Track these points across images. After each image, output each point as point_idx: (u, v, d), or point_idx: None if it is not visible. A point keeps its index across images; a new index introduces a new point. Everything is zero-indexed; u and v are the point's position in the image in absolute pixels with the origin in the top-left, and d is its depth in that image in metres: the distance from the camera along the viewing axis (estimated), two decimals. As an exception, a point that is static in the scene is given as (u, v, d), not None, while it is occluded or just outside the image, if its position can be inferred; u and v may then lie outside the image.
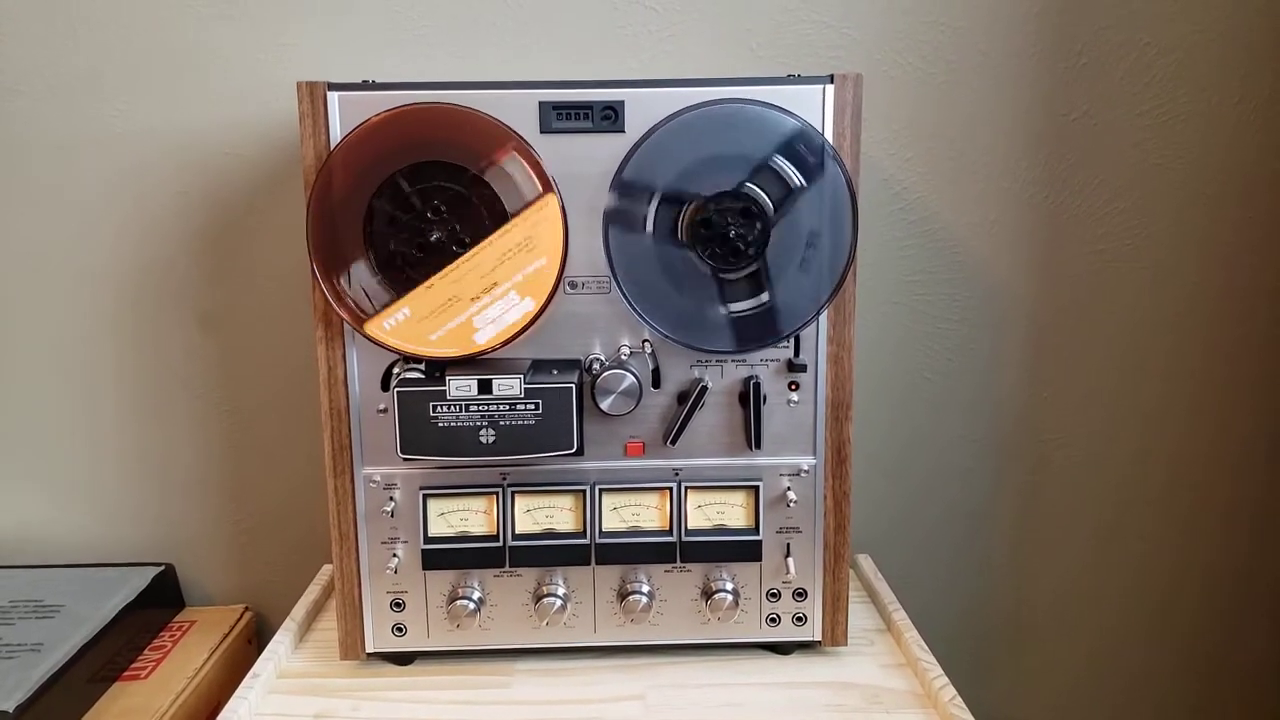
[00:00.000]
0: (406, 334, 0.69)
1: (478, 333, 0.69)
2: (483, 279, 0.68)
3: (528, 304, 0.69)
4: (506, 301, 0.68)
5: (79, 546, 1.00)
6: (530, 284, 0.69)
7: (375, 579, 0.76)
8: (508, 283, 0.68)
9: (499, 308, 0.68)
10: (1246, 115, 0.95)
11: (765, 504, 0.75)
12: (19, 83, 0.92)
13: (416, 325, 0.69)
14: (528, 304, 0.69)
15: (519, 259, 0.68)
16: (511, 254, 0.68)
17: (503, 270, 0.68)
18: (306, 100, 0.69)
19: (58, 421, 0.98)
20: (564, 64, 0.92)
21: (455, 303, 0.69)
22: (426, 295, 0.69)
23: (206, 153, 0.93)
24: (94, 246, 0.95)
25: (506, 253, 0.68)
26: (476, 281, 0.68)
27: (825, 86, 0.70)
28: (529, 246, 0.68)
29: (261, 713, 0.73)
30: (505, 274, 0.68)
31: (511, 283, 0.68)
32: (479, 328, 0.69)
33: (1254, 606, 1.07)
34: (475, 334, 0.69)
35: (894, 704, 0.72)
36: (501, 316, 0.68)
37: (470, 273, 0.68)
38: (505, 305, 0.68)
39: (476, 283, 0.68)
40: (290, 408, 0.98)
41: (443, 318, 0.69)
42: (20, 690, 0.74)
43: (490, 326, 0.69)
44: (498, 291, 0.68)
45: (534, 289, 0.69)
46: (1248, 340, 1.00)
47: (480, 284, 0.68)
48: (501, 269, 0.68)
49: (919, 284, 0.98)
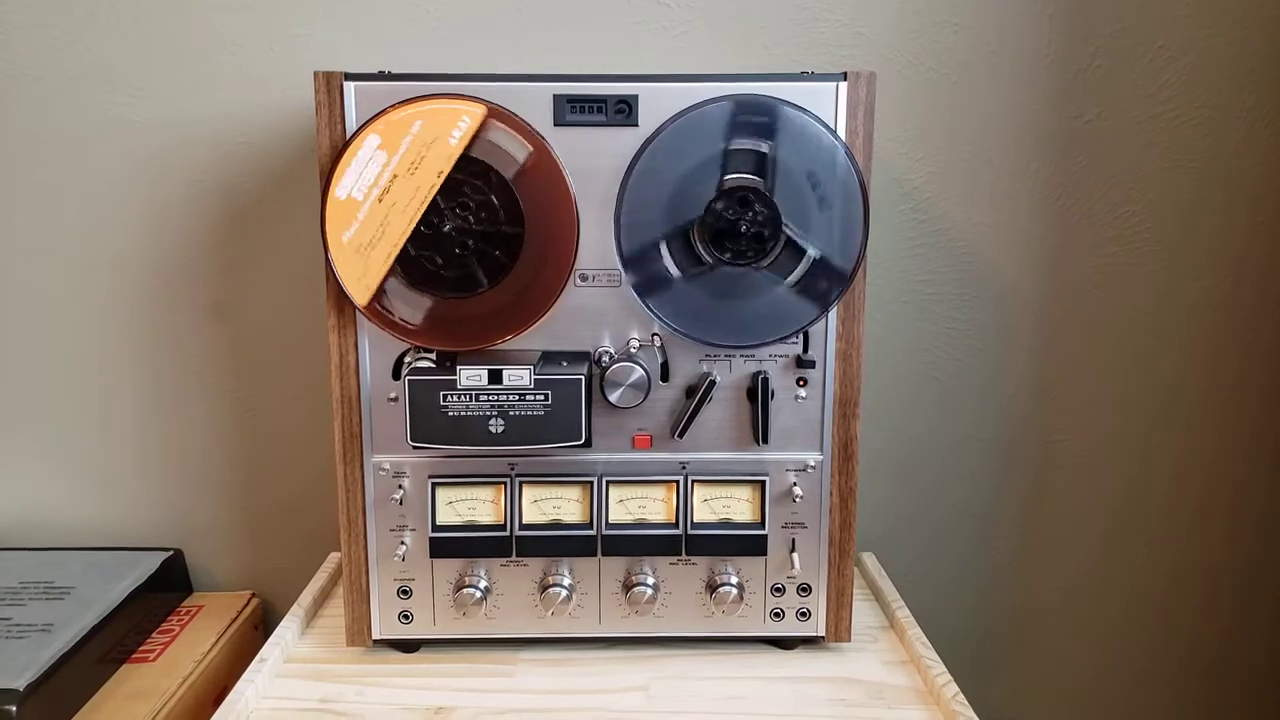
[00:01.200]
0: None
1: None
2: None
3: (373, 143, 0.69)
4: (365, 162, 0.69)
5: (90, 530, 1.01)
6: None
7: (383, 566, 0.76)
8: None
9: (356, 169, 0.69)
10: (1259, 120, 0.95)
11: (771, 499, 0.76)
12: (35, 71, 0.93)
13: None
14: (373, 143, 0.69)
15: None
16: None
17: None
18: (323, 90, 0.70)
19: (71, 408, 0.99)
20: (578, 59, 0.93)
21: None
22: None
23: (220, 142, 0.94)
24: (108, 235, 0.96)
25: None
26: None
27: (839, 83, 0.70)
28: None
29: (268, 696, 0.73)
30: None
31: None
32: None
33: (1258, 608, 1.07)
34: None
35: (896, 700, 0.73)
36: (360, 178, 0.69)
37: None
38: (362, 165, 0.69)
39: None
40: (301, 397, 0.99)
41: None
42: (31, 670, 0.74)
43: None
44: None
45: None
46: (1255, 344, 1.00)
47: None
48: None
49: (928, 283, 0.98)
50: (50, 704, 0.75)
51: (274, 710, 0.72)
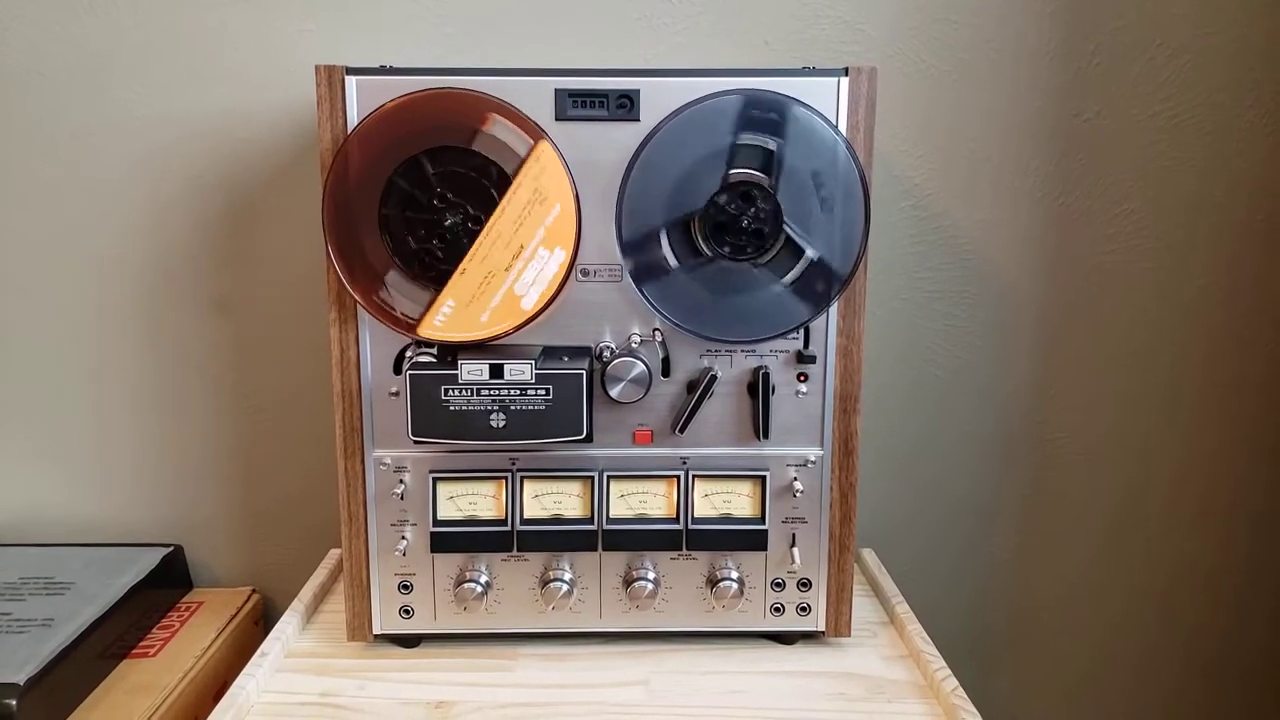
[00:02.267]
0: (458, 324, 0.70)
1: (523, 298, 0.69)
2: (508, 247, 0.69)
3: (559, 254, 0.69)
4: (539, 259, 0.69)
5: (90, 526, 1.01)
6: (554, 234, 0.69)
7: (383, 561, 0.76)
8: (533, 241, 0.69)
9: (534, 268, 0.69)
10: (1258, 118, 0.95)
11: (772, 494, 0.76)
12: (36, 67, 0.93)
13: (464, 313, 0.70)
14: (559, 254, 0.69)
15: (535, 214, 0.69)
16: (526, 212, 0.68)
17: (524, 231, 0.69)
18: (324, 84, 0.70)
19: (72, 404, 0.99)
20: (580, 54, 0.93)
21: (492, 278, 0.69)
22: (463, 281, 0.69)
23: (221, 138, 0.94)
24: (109, 231, 0.96)
25: (521, 213, 0.68)
26: (504, 251, 0.69)
27: (840, 79, 0.70)
28: (540, 198, 0.68)
29: (269, 690, 0.73)
30: (528, 233, 0.69)
31: (537, 240, 0.69)
32: (522, 293, 0.69)
33: (1257, 605, 1.07)
34: (522, 300, 0.69)
35: (896, 694, 0.73)
36: (540, 275, 0.69)
37: (495, 245, 0.69)
38: (539, 263, 0.69)
39: (504, 252, 0.69)
40: (302, 393, 0.99)
41: (485, 297, 0.69)
42: (31, 664, 0.74)
43: (533, 288, 0.69)
44: (527, 253, 0.69)
45: (559, 237, 0.69)
46: (1254, 341, 1.01)
47: (508, 252, 0.69)
48: (523, 230, 0.69)
49: (928, 280, 0.98)
50: (50, 699, 0.75)
51: (275, 705, 0.72)
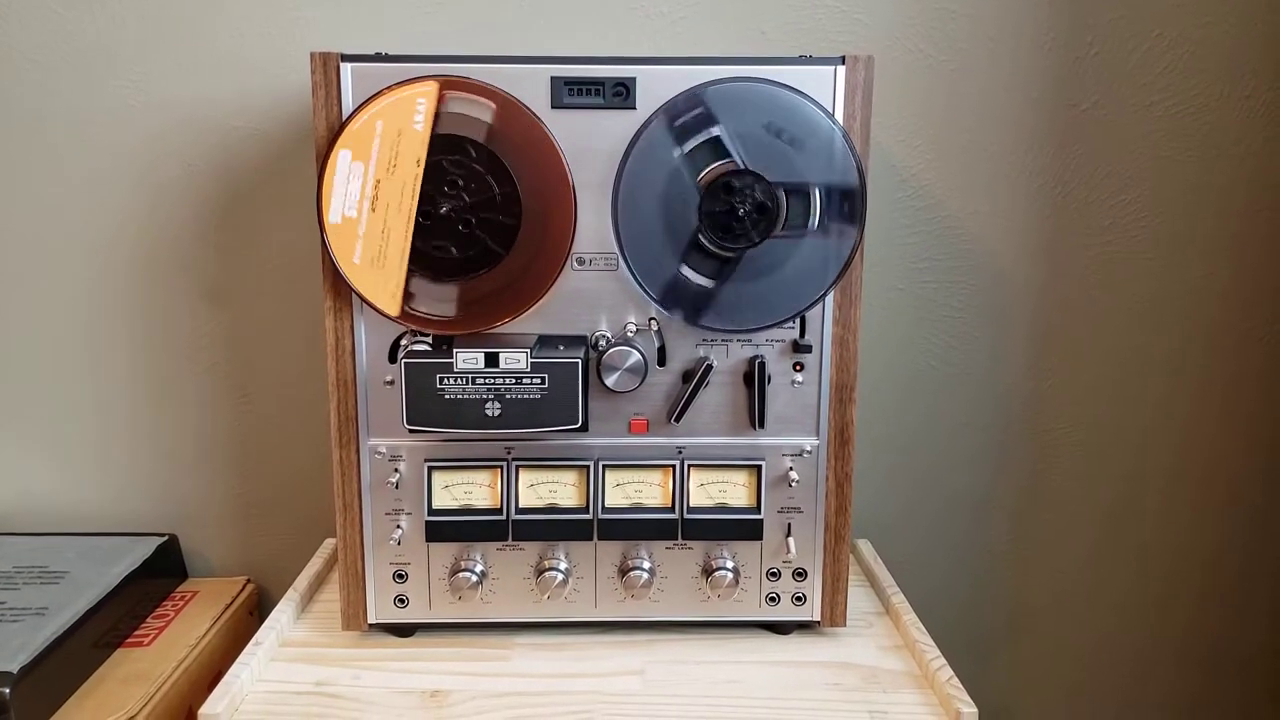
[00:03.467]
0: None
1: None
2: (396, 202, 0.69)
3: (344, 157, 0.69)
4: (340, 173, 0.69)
5: (84, 516, 1.01)
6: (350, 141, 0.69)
7: (378, 550, 0.76)
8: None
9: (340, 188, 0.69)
10: (1256, 109, 0.95)
11: (767, 484, 0.76)
12: (30, 53, 0.92)
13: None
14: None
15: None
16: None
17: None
18: (320, 71, 0.70)
19: (65, 392, 0.99)
20: (576, 41, 0.92)
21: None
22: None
23: (215, 125, 0.93)
24: (103, 218, 0.95)
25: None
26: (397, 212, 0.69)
27: (837, 68, 0.70)
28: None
29: (263, 679, 0.73)
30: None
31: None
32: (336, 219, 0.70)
33: (1255, 596, 1.07)
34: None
35: (891, 684, 0.73)
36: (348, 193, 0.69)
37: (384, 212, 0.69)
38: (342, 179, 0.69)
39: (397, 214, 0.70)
40: (297, 381, 0.98)
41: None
42: (25, 653, 0.74)
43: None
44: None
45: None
46: (1252, 333, 1.01)
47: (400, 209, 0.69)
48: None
49: (925, 270, 0.98)
50: (44, 687, 0.75)
51: (269, 694, 0.71)
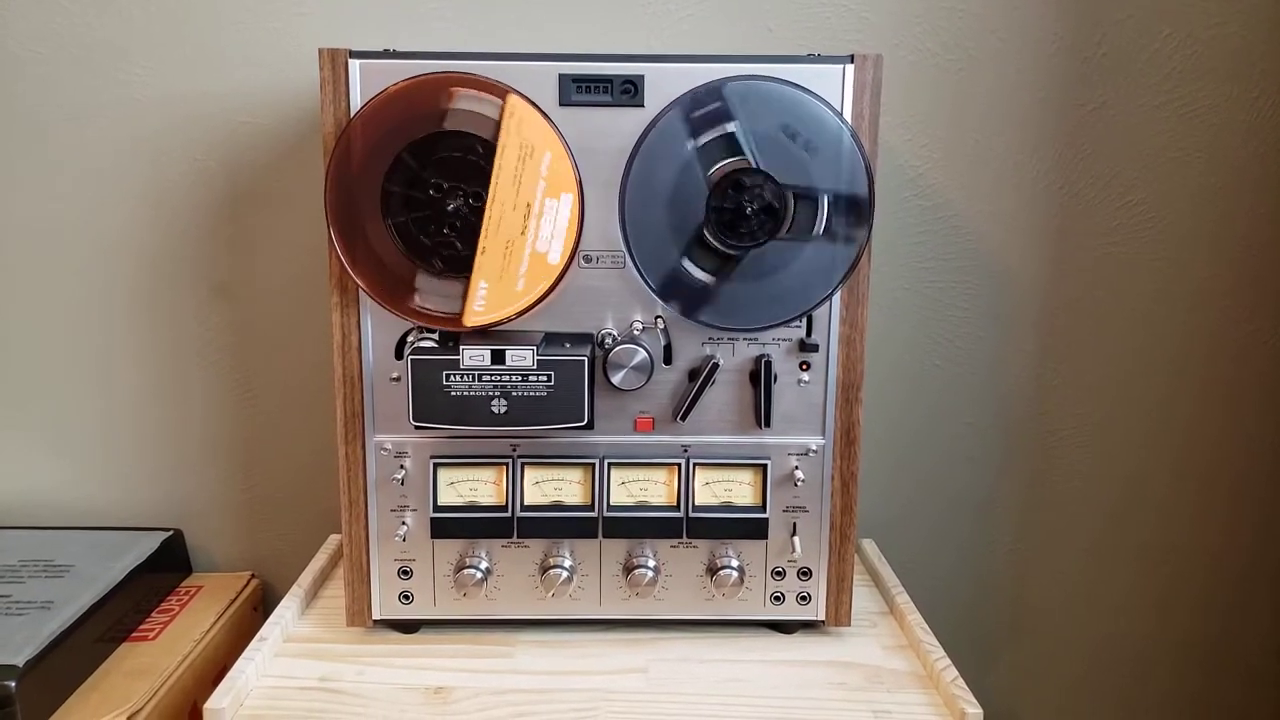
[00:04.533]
0: (498, 302, 0.70)
1: (548, 254, 0.69)
2: (516, 209, 0.68)
3: (566, 199, 0.68)
4: (549, 210, 0.68)
5: (89, 510, 1.01)
6: (554, 180, 0.68)
7: (383, 546, 0.76)
8: (537, 194, 0.68)
9: (548, 220, 0.68)
10: (1263, 110, 0.95)
11: (773, 483, 0.76)
12: (37, 48, 0.92)
13: (499, 288, 0.69)
14: (566, 199, 0.68)
15: (530, 168, 0.68)
16: (520, 169, 0.68)
17: (525, 188, 0.68)
18: (328, 67, 0.70)
19: (72, 387, 0.99)
20: (584, 38, 0.92)
21: (512, 246, 0.69)
22: (486, 260, 0.69)
23: (223, 121, 0.93)
24: (110, 214, 0.95)
25: (515, 172, 0.68)
26: (513, 215, 0.68)
27: (845, 66, 0.70)
28: (529, 151, 0.68)
29: (268, 674, 0.73)
30: (530, 189, 0.68)
31: (540, 191, 0.68)
32: (545, 249, 0.69)
33: (1257, 597, 1.07)
34: (548, 256, 0.69)
35: (896, 684, 0.73)
36: (556, 225, 0.68)
37: (503, 212, 0.68)
38: (551, 214, 0.68)
39: (514, 216, 0.68)
40: (303, 377, 0.99)
41: (513, 266, 0.69)
42: (30, 646, 0.74)
43: (554, 241, 0.69)
44: (536, 210, 0.68)
45: (561, 183, 0.69)
46: (1257, 335, 1.00)
47: (518, 214, 0.68)
48: (524, 188, 0.68)
49: (931, 271, 0.98)
50: (49, 681, 0.75)
51: (273, 689, 0.72)
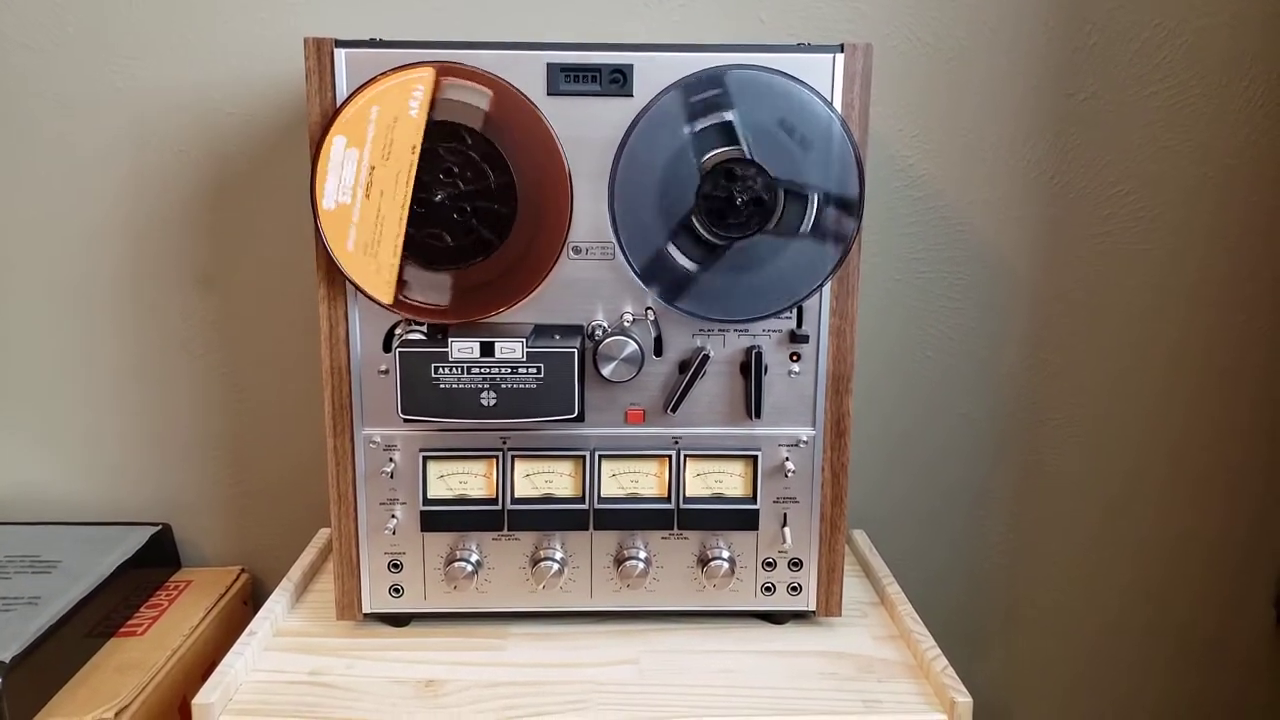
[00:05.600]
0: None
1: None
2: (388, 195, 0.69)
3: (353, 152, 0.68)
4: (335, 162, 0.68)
5: (77, 505, 1.00)
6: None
7: (373, 540, 0.76)
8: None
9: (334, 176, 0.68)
10: (1255, 99, 0.95)
11: (763, 474, 0.76)
12: (19, 36, 0.91)
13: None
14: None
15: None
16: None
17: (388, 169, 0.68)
18: (313, 57, 0.69)
19: (57, 380, 0.98)
20: (571, 30, 0.91)
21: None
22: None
23: (208, 111, 0.93)
24: (94, 204, 0.94)
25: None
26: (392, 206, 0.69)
27: (835, 55, 0.69)
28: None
29: (257, 669, 0.73)
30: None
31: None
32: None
33: (1253, 589, 1.07)
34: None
35: (887, 674, 0.73)
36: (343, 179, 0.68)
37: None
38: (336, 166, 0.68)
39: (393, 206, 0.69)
40: (290, 370, 0.98)
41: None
42: (17, 642, 0.74)
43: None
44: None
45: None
46: (1251, 325, 1.01)
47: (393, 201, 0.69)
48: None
49: (922, 261, 0.98)
50: (37, 677, 0.75)
51: (263, 683, 0.71)
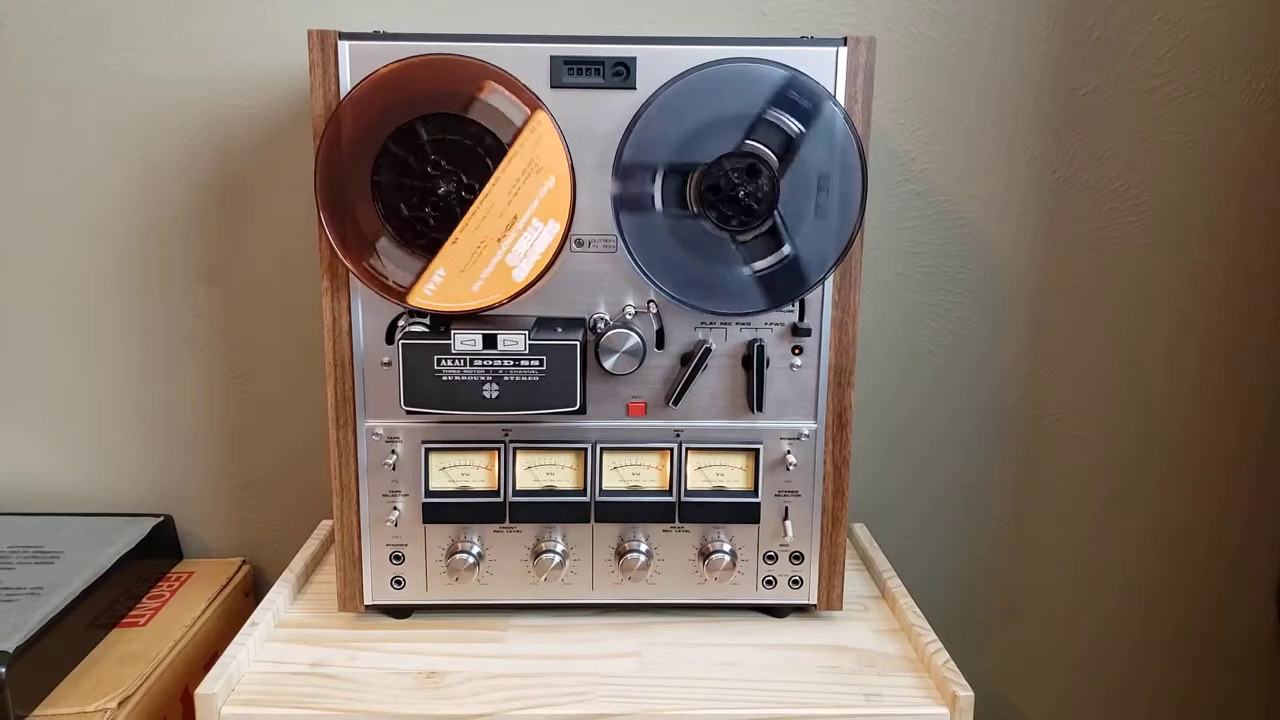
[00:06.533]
0: (449, 294, 0.69)
1: (515, 270, 0.69)
2: (501, 217, 0.68)
3: (553, 226, 0.68)
4: (532, 231, 0.68)
5: (79, 496, 1.01)
6: (548, 206, 0.68)
7: (375, 531, 0.76)
8: (527, 212, 0.68)
9: (527, 239, 0.68)
10: (1256, 94, 0.95)
11: (765, 467, 0.76)
12: (23, 27, 0.91)
13: (455, 282, 0.69)
14: (553, 226, 0.68)
15: (530, 185, 0.68)
16: (520, 183, 0.68)
17: (518, 202, 0.68)
18: (317, 49, 0.69)
19: (61, 372, 0.98)
20: (576, 21, 0.91)
21: (484, 248, 0.68)
22: (454, 250, 0.69)
23: (211, 104, 0.93)
24: (98, 197, 0.95)
25: (515, 183, 0.68)
26: (496, 221, 0.68)
27: (838, 49, 0.69)
28: (535, 169, 0.68)
29: (259, 660, 0.73)
30: (521, 205, 0.68)
31: (530, 211, 0.68)
32: (514, 265, 0.69)
33: (1250, 583, 1.08)
34: (513, 272, 0.69)
35: (888, 667, 0.73)
36: (532, 247, 0.68)
37: (488, 215, 0.68)
38: (532, 235, 0.68)
39: (497, 222, 0.68)
40: (293, 362, 0.98)
41: (477, 267, 0.69)
42: (20, 632, 0.74)
43: (525, 261, 0.69)
44: (520, 225, 0.68)
45: (553, 210, 0.69)
46: (1250, 320, 1.01)
47: (501, 222, 0.68)
48: (517, 201, 0.68)
49: (923, 256, 0.98)
50: (39, 667, 0.75)
51: (265, 674, 0.71)
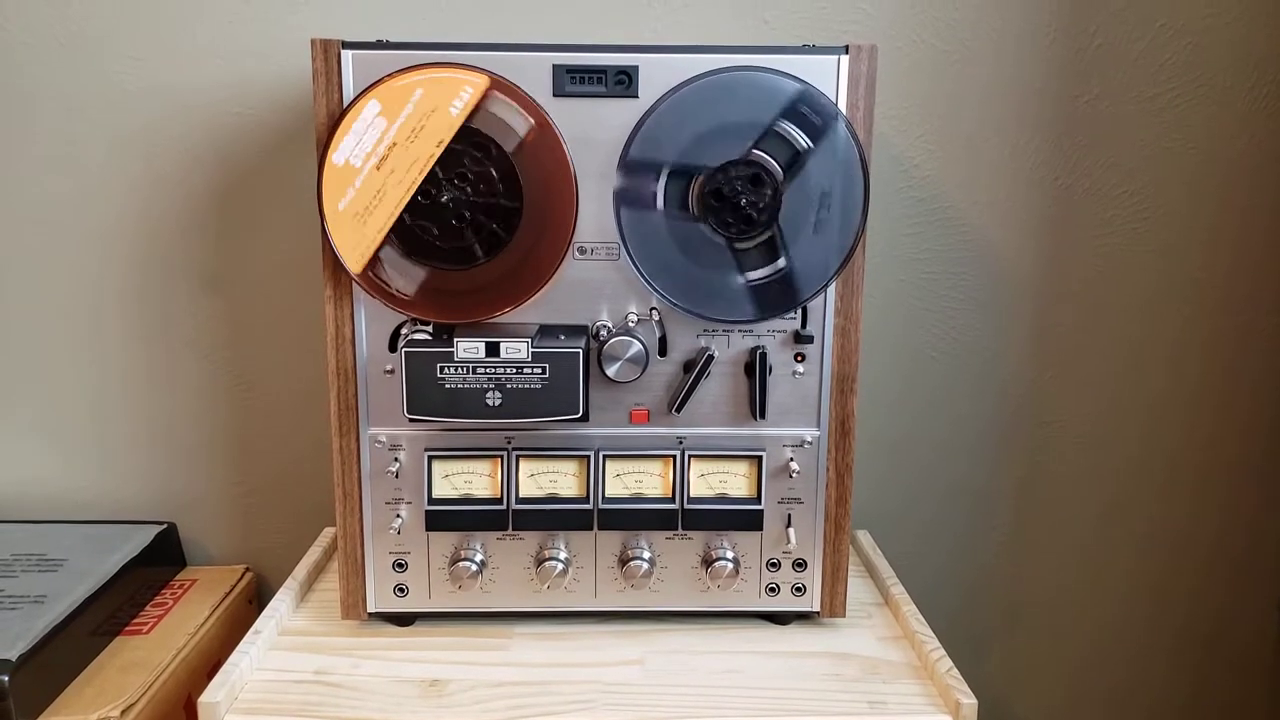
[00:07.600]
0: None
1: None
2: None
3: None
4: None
5: (83, 503, 1.01)
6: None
7: (378, 539, 0.76)
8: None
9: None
10: (1259, 101, 0.95)
11: (768, 474, 0.76)
12: (27, 37, 0.92)
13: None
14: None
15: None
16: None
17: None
18: (320, 58, 0.69)
19: (65, 379, 0.99)
20: (576, 31, 0.92)
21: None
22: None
23: (215, 112, 0.93)
24: (101, 205, 0.95)
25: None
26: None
27: (840, 57, 0.70)
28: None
29: (262, 668, 0.73)
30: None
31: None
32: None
33: (1253, 588, 1.07)
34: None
35: (891, 675, 0.73)
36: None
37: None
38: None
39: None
40: (296, 370, 0.98)
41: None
42: (23, 640, 0.74)
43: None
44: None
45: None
46: (1252, 326, 1.01)
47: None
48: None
49: (926, 262, 0.98)
50: (43, 675, 0.75)
51: (268, 682, 0.71)
